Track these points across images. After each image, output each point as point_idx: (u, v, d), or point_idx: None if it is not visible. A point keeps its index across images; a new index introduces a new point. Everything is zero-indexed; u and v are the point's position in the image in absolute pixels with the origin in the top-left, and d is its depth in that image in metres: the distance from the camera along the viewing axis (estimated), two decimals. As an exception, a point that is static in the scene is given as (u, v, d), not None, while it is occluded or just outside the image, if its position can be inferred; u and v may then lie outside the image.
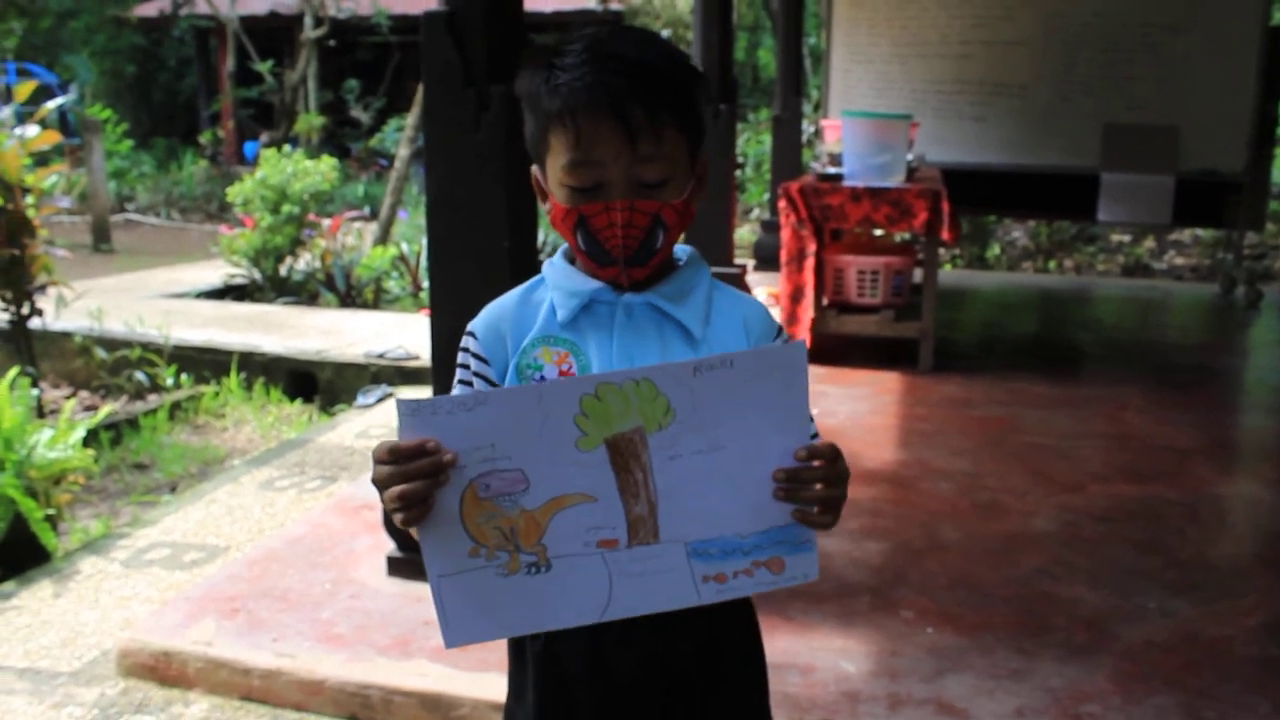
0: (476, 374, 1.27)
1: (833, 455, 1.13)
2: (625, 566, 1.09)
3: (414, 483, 1.05)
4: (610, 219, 1.17)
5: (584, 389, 1.05)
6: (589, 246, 1.20)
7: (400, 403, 1.06)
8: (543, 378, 1.21)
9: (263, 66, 15.10)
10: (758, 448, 1.09)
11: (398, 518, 1.08)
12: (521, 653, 1.33)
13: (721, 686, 1.32)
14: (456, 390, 1.27)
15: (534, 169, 1.27)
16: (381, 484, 1.08)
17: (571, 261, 1.29)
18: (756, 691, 1.38)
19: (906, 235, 6.77)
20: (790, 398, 1.09)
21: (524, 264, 2.73)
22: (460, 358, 1.28)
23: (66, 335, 6.17)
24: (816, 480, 1.12)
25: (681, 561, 1.10)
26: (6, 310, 5.13)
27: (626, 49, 1.18)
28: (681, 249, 1.31)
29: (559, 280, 1.27)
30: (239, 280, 8.17)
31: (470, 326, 1.29)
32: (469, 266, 2.71)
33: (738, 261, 7.25)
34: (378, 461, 1.08)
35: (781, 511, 1.11)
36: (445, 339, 2.77)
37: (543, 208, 1.29)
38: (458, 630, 1.10)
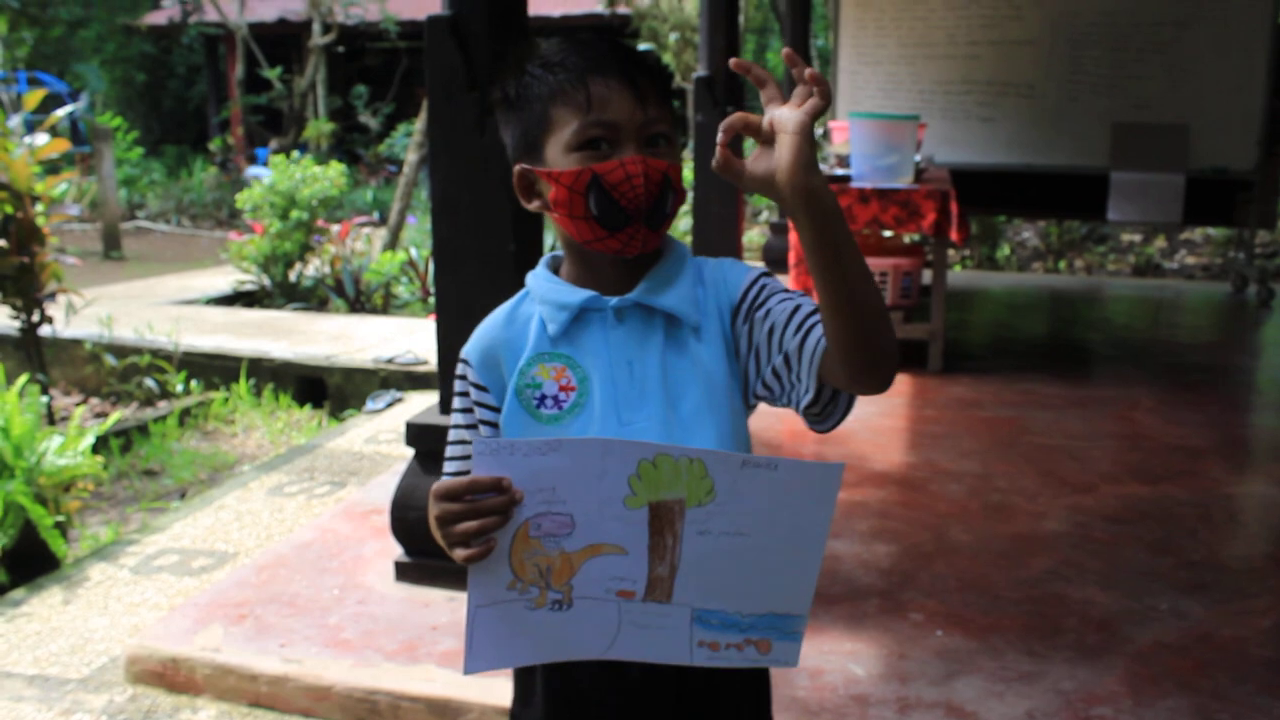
0: (477, 403, 1.29)
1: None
2: (635, 617, 1.18)
3: (486, 518, 1.10)
4: (626, 172, 1.19)
5: (644, 454, 1.12)
6: (603, 209, 1.19)
7: (478, 442, 1.12)
8: (543, 396, 1.25)
9: (271, 73, 15.16)
10: (776, 544, 1.17)
11: (461, 553, 1.12)
12: None
13: (728, 678, 1.32)
14: (457, 418, 1.30)
15: (518, 168, 1.26)
16: (450, 519, 1.11)
17: (556, 271, 1.30)
18: (759, 683, 1.39)
19: (915, 236, 6.76)
20: (817, 510, 1.16)
21: (528, 268, 2.70)
22: (458, 385, 1.30)
23: (76, 342, 6.19)
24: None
25: (684, 624, 1.19)
26: (17, 318, 5.16)
27: (605, 38, 1.25)
28: None
29: (545, 293, 1.27)
30: (248, 286, 8.19)
31: (464, 353, 1.30)
32: (473, 270, 2.71)
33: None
34: (447, 498, 1.12)
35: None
36: (450, 342, 2.76)
37: (528, 207, 1.28)
38: (479, 657, 1.18)
